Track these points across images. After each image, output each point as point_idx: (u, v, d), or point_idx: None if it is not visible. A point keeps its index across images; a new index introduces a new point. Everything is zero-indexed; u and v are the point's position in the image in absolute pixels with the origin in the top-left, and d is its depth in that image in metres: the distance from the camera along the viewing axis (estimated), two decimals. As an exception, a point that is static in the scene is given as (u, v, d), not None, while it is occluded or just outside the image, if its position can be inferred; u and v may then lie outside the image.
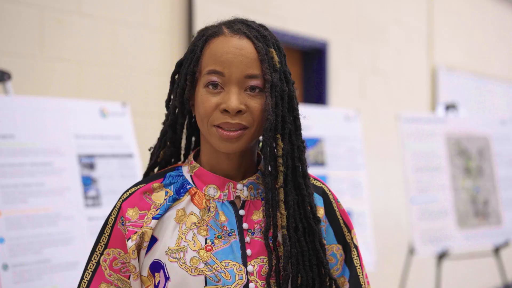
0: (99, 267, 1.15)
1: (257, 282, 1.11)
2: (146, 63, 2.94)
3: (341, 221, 1.21)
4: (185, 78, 1.14)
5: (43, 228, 1.99)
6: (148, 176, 1.23)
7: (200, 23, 3.12)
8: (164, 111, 1.24)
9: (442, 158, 3.51)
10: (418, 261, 4.06)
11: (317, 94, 3.98)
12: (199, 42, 1.14)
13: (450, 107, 3.80)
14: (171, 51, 3.02)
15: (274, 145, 1.13)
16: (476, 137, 3.73)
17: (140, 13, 2.93)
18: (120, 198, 1.17)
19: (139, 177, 2.35)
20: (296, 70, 4.01)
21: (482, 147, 3.74)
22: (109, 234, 1.15)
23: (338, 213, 1.22)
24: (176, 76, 1.19)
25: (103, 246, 1.15)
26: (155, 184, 1.17)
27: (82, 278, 1.16)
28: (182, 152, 1.26)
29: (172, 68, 1.21)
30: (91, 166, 2.20)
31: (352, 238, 1.21)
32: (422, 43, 4.89)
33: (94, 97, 2.63)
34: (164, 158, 1.23)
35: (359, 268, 1.20)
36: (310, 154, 3.10)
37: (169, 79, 1.21)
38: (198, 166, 1.17)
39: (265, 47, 1.12)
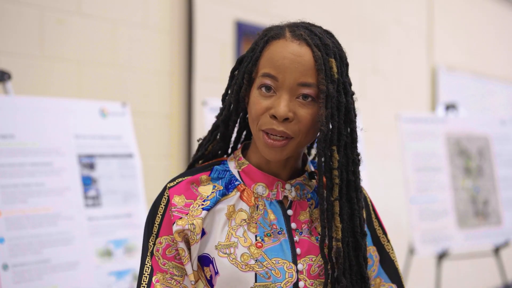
0: (153, 257, 1.13)
1: (306, 280, 1.12)
2: (146, 63, 2.94)
3: (376, 223, 1.24)
4: (243, 76, 1.14)
5: (43, 228, 1.99)
6: (193, 167, 1.22)
7: (200, 23, 3.12)
8: (164, 110, 1.24)
9: (442, 158, 3.51)
10: (418, 261, 4.06)
11: (317, 94, 3.97)
12: (261, 42, 1.14)
13: (450, 107, 3.80)
14: (171, 51, 3.02)
15: (330, 156, 1.12)
16: (476, 137, 3.73)
17: (140, 13, 2.93)
18: (166, 186, 1.16)
19: (139, 177, 2.35)
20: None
21: (482, 147, 3.74)
22: (160, 222, 1.13)
23: (373, 216, 1.25)
24: (236, 72, 1.18)
25: (155, 235, 1.13)
26: (203, 176, 1.17)
27: (141, 274, 1.13)
28: (231, 145, 1.25)
29: (172, 68, 1.21)
30: (91, 166, 2.20)
31: (389, 241, 1.25)
32: (422, 43, 4.89)
33: (94, 97, 2.63)
34: (212, 152, 1.23)
35: (397, 263, 1.25)
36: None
37: (169, 79, 1.22)
38: (247, 163, 1.18)
39: (325, 56, 1.11)
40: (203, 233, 1.13)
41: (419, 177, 3.39)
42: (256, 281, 1.09)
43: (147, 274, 1.13)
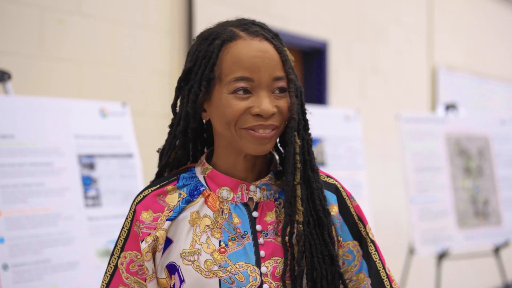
0: (117, 270, 1.15)
1: (271, 283, 1.11)
2: (146, 63, 2.94)
3: (355, 217, 1.21)
4: (200, 84, 1.12)
5: (43, 228, 1.99)
6: (161, 176, 1.22)
7: (200, 23, 3.12)
8: (164, 110, 1.24)
9: (442, 158, 3.51)
10: (418, 261, 4.06)
11: (317, 94, 3.98)
12: (212, 47, 1.12)
13: (450, 107, 3.80)
14: (171, 51, 3.02)
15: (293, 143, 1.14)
16: (476, 137, 3.73)
17: (140, 13, 2.93)
18: (134, 201, 1.17)
19: (139, 177, 2.35)
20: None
21: (482, 147, 3.74)
22: (126, 237, 1.15)
23: (352, 210, 1.21)
24: (182, 84, 1.17)
25: (120, 249, 1.16)
26: (169, 187, 1.17)
27: (102, 282, 1.17)
28: (191, 153, 1.25)
29: (172, 68, 1.21)
30: (91, 166, 2.20)
31: (367, 233, 1.20)
32: (422, 43, 4.89)
33: (94, 97, 2.63)
34: (175, 159, 1.23)
35: (379, 263, 1.19)
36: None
37: (169, 79, 1.22)
38: (210, 168, 1.17)
39: (282, 47, 1.13)
40: (170, 241, 1.13)
41: (419, 177, 3.39)
42: (220, 287, 1.09)
43: (109, 274, 1.16)
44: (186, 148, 1.22)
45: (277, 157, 1.23)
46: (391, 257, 4.29)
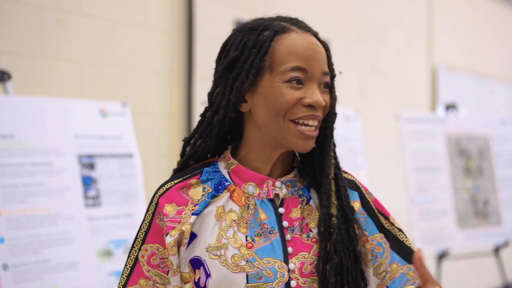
0: (137, 262, 1.15)
1: (298, 279, 1.11)
2: (146, 63, 2.94)
3: (375, 211, 1.22)
4: (248, 72, 1.12)
5: (43, 228, 1.99)
6: (186, 168, 1.22)
7: (200, 23, 3.12)
8: (164, 110, 1.24)
9: (442, 158, 3.51)
10: (418, 261, 4.05)
11: (317, 94, 3.98)
12: (263, 37, 1.13)
13: (450, 107, 3.80)
14: (171, 51, 3.02)
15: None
16: (476, 137, 3.73)
17: (140, 13, 2.93)
18: (156, 193, 1.16)
19: (139, 177, 2.35)
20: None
21: (482, 147, 3.74)
22: (147, 229, 1.15)
23: (371, 204, 1.23)
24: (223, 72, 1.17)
25: (141, 241, 1.15)
26: (193, 181, 1.17)
27: (121, 274, 1.16)
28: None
29: (172, 68, 1.21)
30: (91, 166, 2.20)
31: (393, 224, 1.23)
32: (422, 43, 4.89)
33: (94, 97, 2.63)
34: (204, 150, 1.21)
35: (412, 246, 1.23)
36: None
37: (169, 79, 1.22)
38: (236, 163, 1.18)
39: (326, 44, 1.17)
40: (194, 236, 1.13)
41: (419, 177, 3.39)
42: (247, 282, 1.09)
43: (129, 267, 1.16)
44: (219, 138, 1.21)
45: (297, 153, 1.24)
46: (391, 257, 4.29)
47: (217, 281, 1.10)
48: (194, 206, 1.14)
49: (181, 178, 1.17)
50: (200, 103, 2.86)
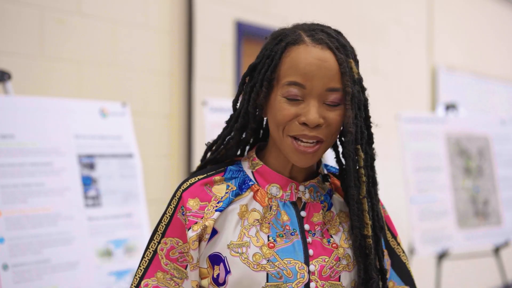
0: (156, 255, 1.15)
1: (317, 282, 1.12)
2: (146, 63, 2.94)
3: (386, 227, 1.24)
4: (261, 84, 1.13)
5: (43, 228, 1.99)
6: (205, 167, 1.22)
7: (200, 23, 3.12)
8: (164, 110, 1.24)
9: (442, 158, 3.51)
10: (418, 261, 4.06)
11: (317, 94, 3.98)
12: (277, 48, 1.13)
13: (450, 107, 3.80)
14: (171, 51, 3.02)
15: (356, 156, 1.15)
16: (476, 137, 3.73)
17: (140, 13, 2.93)
18: (180, 187, 1.16)
19: (139, 177, 2.35)
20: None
21: (482, 147, 3.74)
22: (167, 223, 1.15)
23: (384, 220, 1.25)
24: (247, 79, 1.17)
25: (161, 235, 1.15)
26: (216, 178, 1.17)
27: (138, 266, 1.17)
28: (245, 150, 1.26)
29: (172, 68, 1.21)
30: (91, 166, 2.20)
31: (399, 244, 1.25)
32: (422, 43, 4.89)
33: (94, 97, 2.63)
34: (224, 156, 1.22)
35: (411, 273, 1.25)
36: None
37: (169, 79, 1.22)
38: (261, 164, 1.18)
39: (345, 58, 1.11)
40: (215, 232, 1.14)
41: (419, 177, 3.38)
42: (267, 281, 1.10)
43: (147, 259, 1.16)
44: (242, 147, 1.22)
45: (337, 166, 1.24)
46: (391, 257, 4.29)
47: (237, 278, 1.10)
48: (218, 203, 1.14)
49: (205, 175, 1.18)
50: (200, 103, 2.86)
